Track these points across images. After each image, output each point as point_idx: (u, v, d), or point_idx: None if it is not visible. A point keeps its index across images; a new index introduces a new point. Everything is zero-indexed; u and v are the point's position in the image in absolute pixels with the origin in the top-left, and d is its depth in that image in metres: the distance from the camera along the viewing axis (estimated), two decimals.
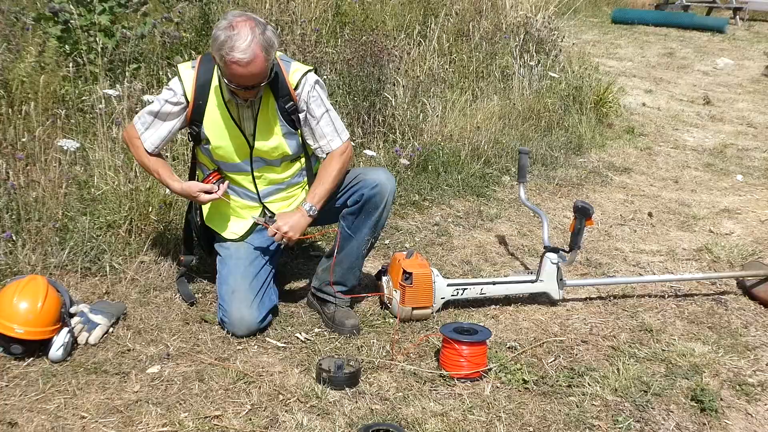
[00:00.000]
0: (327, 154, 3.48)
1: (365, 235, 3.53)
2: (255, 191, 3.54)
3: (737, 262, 4.61)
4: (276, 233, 3.37)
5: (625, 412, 3.05)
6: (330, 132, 3.46)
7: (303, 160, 3.59)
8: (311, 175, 3.61)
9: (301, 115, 3.42)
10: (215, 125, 3.37)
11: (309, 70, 3.41)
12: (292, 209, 3.51)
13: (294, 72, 3.36)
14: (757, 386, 3.30)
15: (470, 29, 7.77)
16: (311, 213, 3.40)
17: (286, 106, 3.37)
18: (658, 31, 15.07)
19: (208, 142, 3.40)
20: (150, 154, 3.45)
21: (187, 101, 3.33)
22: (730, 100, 9.91)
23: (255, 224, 3.58)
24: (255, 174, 3.50)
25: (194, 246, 3.77)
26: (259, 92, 3.27)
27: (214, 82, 3.32)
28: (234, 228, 3.60)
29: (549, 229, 4.24)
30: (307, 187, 3.61)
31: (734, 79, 11.27)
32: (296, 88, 3.35)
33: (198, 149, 3.56)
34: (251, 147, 3.42)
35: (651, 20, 15.86)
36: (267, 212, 3.59)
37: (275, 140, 3.43)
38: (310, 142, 3.50)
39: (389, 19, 7.53)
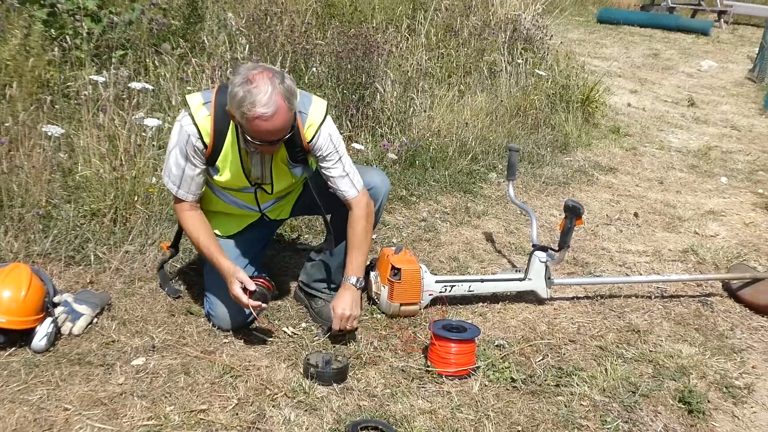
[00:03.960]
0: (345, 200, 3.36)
1: None
2: (256, 205, 3.47)
3: (722, 264, 4.63)
4: (340, 324, 3.26)
5: (613, 412, 3.04)
6: (346, 186, 3.32)
7: None
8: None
9: (317, 158, 3.29)
10: (225, 165, 3.22)
11: (323, 122, 3.21)
12: (335, 290, 3.40)
13: (309, 127, 3.18)
14: (743, 389, 3.31)
15: (459, 25, 7.75)
16: (359, 286, 3.33)
17: (297, 155, 3.24)
18: (644, 32, 15.14)
19: (215, 173, 3.26)
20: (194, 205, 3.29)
21: (205, 146, 3.14)
22: (714, 103, 9.97)
23: (249, 222, 3.53)
24: (258, 194, 3.41)
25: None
26: (277, 147, 3.12)
27: (231, 127, 3.13)
28: (229, 228, 3.54)
29: (537, 227, 4.23)
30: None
31: (718, 82, 11.34)
32: (310, 141, 3.21)
33: None
34: (255, 186, 3.32)
35: (636, 21, 15.92)
36: (267, 218, 3.55)
37: (286, 181, 3.35)
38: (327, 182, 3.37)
39: (378, 12, 7.50)
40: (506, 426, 2.90)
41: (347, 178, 3.31)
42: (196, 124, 3.08)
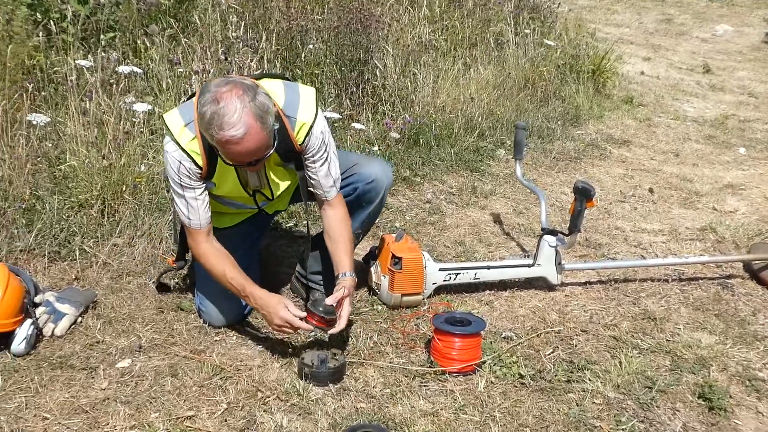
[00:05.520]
0: (324, 200, 3.17)
1: (356, 228, 3.29)
2: (254, 204, 3.25)
3: (743, 243, 4.41)
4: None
5: (629, 411, 2.84)
6: (328, 186, 3.12)
7: None
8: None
9: (307, 158, 3.07)
10: (222, 180, 3.04)
11: (315, 120, 2.98)
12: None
13: (300, 129, 2.96)
14: (767, 381, 3.10)
15: None
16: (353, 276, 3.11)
17: (289, 157, 3.03)
18: None
19: (212, 186, 3.07)
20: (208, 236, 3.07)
21: (200, 167, 2.93)
22: (730, 69, 9.68)
23: (246, 215, 3.35)
24: (257, 196, 3.21)
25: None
26: (263, 163, 2.90)
27: None
28: (223, 222, 3.32)
29: (547, 209, 4.01)
30: None
31: (734, 47, 11.05)
32: (302, 143, 3.00)
33: None
34: (253, 195, 3.14)
35: None
36: (264, 212, 3.35)
37: (285, 184, 3.15)
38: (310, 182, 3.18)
39: None
40: (513, 428, 2.71)
41: (331, 178, 3.11)
42: (183, 149, 2.86)
